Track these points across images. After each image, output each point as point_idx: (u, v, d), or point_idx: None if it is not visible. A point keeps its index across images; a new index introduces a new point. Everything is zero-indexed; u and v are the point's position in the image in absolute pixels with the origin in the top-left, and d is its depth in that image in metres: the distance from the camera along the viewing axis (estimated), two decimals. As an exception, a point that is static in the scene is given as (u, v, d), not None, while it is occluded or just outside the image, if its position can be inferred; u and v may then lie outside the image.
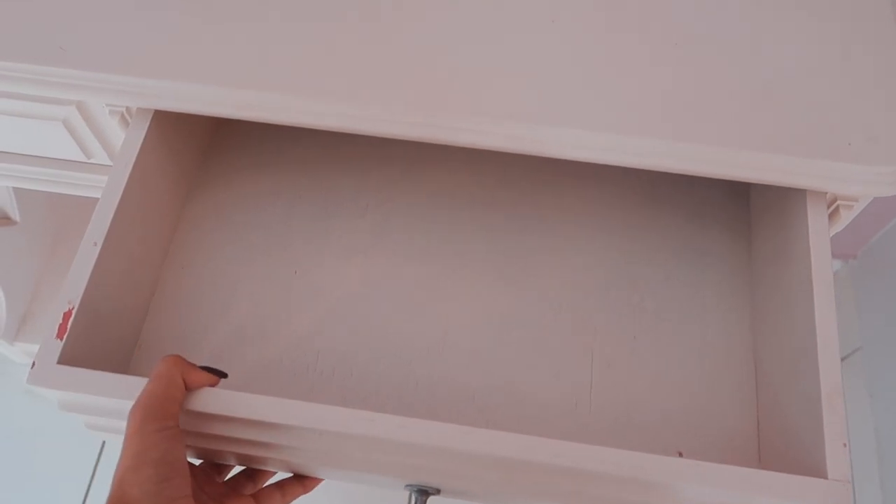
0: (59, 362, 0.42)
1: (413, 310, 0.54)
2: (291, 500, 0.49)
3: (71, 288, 0.44)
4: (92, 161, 0.57)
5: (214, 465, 0.49)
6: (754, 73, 0.47)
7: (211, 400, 0.41)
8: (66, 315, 0.43)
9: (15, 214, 0.99)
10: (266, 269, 0.56)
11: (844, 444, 0.40)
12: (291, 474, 0.50)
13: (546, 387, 0.51)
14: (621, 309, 0.54)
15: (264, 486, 0.49)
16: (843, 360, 1.09)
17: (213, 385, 0.42)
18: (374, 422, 0.40)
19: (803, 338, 0.44)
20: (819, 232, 0.45)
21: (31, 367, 0.41)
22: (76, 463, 1.02)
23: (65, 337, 0.42)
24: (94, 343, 0.46)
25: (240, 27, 0.48)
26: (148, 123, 0.49)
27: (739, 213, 0.59)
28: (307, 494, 0.50)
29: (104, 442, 1.03)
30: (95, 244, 0.45)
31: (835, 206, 0.47)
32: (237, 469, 0.50)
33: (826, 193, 0.46)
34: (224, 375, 0.43)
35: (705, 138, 0.44)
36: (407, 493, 0.50)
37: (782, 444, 0.46)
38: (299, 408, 0.40)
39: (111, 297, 0.47)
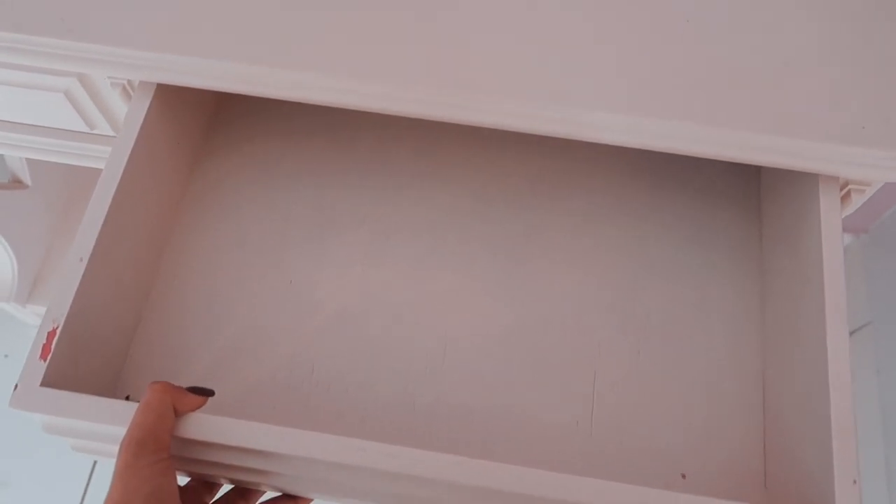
0: (43, 384, 0.40)
1: (411, 324, 0.53)
2: None
3: (55, 306, 0.42)
4: (95, 132, 0.57)
5: (204, 484, 0.48)
6: (765, 52, 0.46)
7: (201, 426, 0.39)
8: (51, 335, 0.41)
9: (26, 178, 0.99)
10: (260, 281, 0.54)
11: (854, 482, 0.39)
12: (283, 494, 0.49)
13: (547, 406, 0.50)
14: (625, 323, 0.53)
15: None
16: (851, 334, 1.08)
17: (202, 406, 0.41)
18: (366, 451, 0.39)
19: (814, 361, 0.43)
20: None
21: (14, 390, 0.40)
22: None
23: (48, 358, 0.40)
24: (80, 362, 0.44)
25: (244, 1, 0.47)
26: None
27: (749, 201, 0.57)
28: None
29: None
30: (81, 259, 0.43)
31: (846, 189, 0.46)
32: (227, 487, 0.49)
33: (838, 178, 0.45)
34: (211, 393, 0.42)
35: (714, 120, 0.43)
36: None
37: (789, 472, 0.45)
38: (289, 435, 0.39)
39: (98, 315, 0.46)
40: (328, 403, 0.50)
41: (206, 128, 0.60)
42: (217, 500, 0.48)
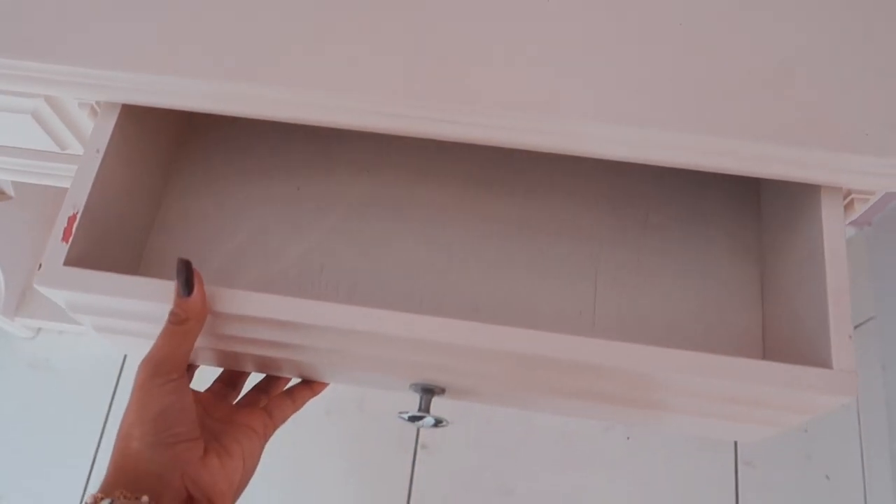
0: (66, 264, 0.42)
1: (416, 225, 0.54)
2: (301, 405, 0.51)
3: (75, 193, 0.44)
4: (68, 151, 0.54)
5: (226, 385, 0.51)
6: (762, 56, 0.43)
7: (226, 300, 0.41)
8: (71, 219, 0.43)
9: (10, 189, 0.97)
10: (269, 187, 0.55)
11: (850, 337, 0.40)
12: (300, 382, 0.52)
13: (550, 301, 0.52)
14: (625, 223, 0.54)
15: (275, 396, 0.51)
16: (855, 328, 1.06)
17: (202, 283, 0.42)
18: (383, 319, 0.40)
19: (811, 245, 0.44)
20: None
21: (38, 269, 0.42)
22: (79, 437, 1.02)
23: (70, 240, 0.43)
24: (99, 251, 0.46)
25: (209, 15, 0.45)
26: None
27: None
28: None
29: (105, 421, 1.04)
30: (98, 151, 0.45)
31: (849, 198, 0.44)
32: (245, 392, 0.52)
33: (841, 188, 0.43)
34: (186, 264, 0.42)
35: (708, 129, 0.41)
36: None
37: (788, 348, 0.46)
38: (308, 306, 0.41)
39: (115, 207, 0.47)
40: (336, 300, 0.51)
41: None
42: (241, 399, 0.51)
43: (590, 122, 0.41)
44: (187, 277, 0.41)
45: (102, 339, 0.50)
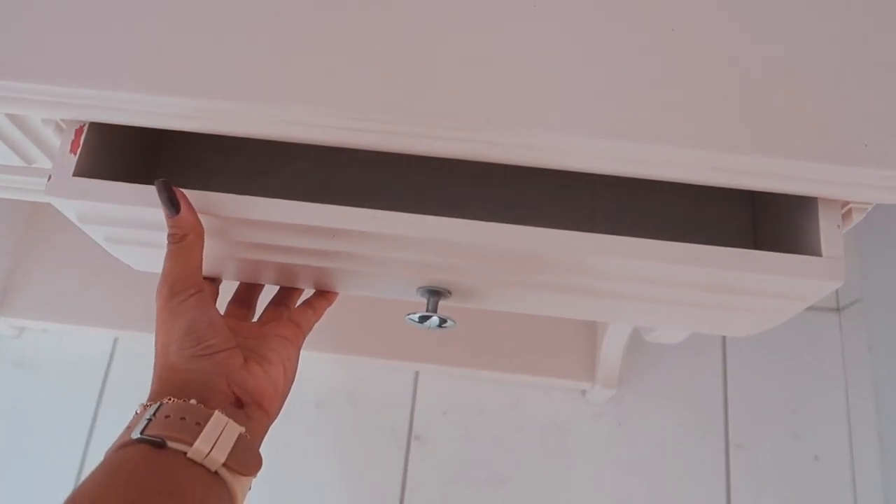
0: (75, 175, 0.42)
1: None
2: (321, 314, 0.53)
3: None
4: (35, 165, 0.52)
5: (240, 307, 0.51)
6: (757, 64, 0.42)
7: (238, 207, 0.42)
8: (78, 132, 0.43)
9: (-18, 187, 0.94)
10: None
11: (838, 226, 0.42)
12: (314, 293, 0.54)
13: (549, 211, 0.54)
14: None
15: (295, 307, 0.52)
16: (842, 310, 1.07)
17: (188, 200, 0.41)
18: (380, 219, 0.41)
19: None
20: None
21: (48, 181, 0.42)
22: (68, 434, 1.01)
23: (78, 151, 0.43)
24: (107, 164, 0.46)
25: (175, 31, 0.42)
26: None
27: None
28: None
29: (95, 414, 1.02)
30: None
31: (847, 208, 0.43)
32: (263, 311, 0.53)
33: (839, 202, 0.42)
34: (165, 184, 0.41)
35: (701, 142, 0.39)
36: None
37: (779, 243, 0.47)
38: (313, 209, 0.41)
39: (120, 126, 0.46)
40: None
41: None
42: (261, 316, 0.51)
43: (576, 136, 0.40)
44: (169, 196, 0.40)
45: (114, 252, 0.50)
